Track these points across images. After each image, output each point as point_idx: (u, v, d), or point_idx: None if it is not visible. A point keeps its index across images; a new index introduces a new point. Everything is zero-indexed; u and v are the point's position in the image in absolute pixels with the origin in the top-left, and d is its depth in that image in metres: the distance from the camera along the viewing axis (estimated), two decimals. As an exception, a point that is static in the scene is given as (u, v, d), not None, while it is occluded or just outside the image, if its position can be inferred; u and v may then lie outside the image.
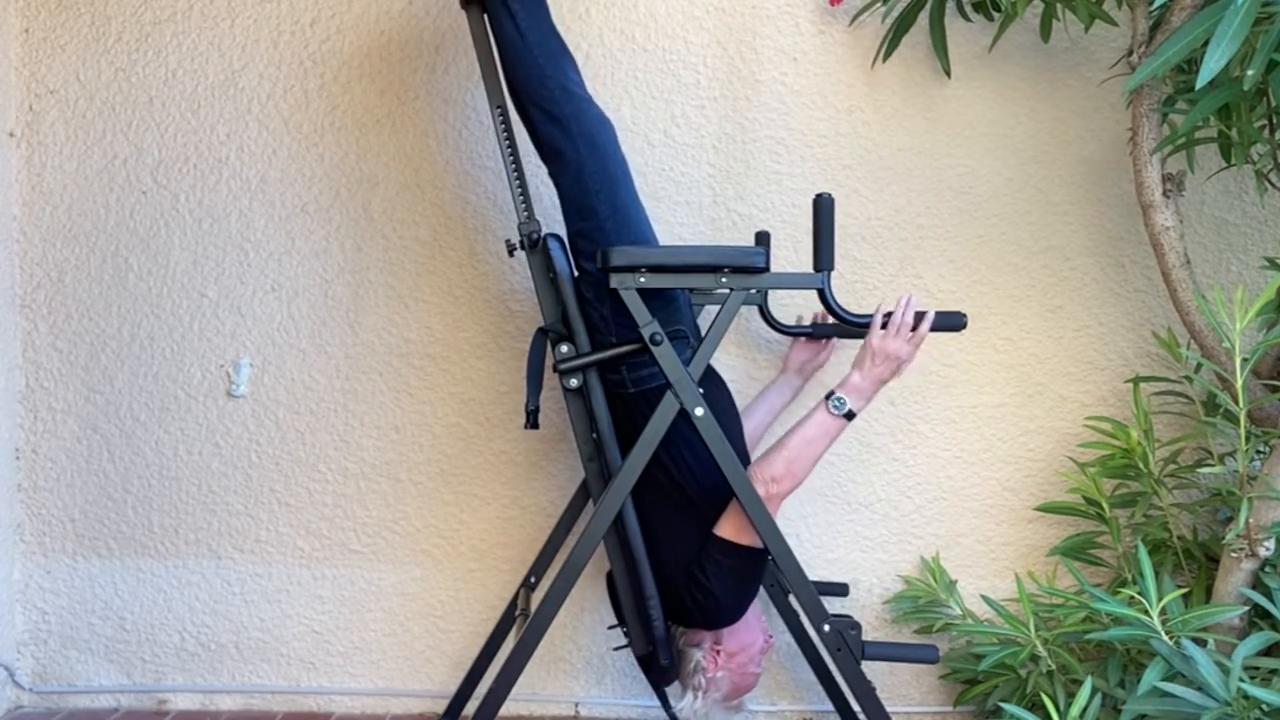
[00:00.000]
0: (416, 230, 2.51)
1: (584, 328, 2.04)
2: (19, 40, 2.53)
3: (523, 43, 2.03)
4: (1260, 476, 1.89)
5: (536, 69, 2.02)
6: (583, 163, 2.01)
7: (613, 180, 2.04)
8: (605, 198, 2.02)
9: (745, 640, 2.06)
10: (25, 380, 2.55)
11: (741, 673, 2.06)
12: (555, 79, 2.02)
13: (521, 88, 2.05)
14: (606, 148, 2.04)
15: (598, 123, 2.06)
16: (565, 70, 2.06)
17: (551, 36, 2.08)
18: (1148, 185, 2.03)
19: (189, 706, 2.57)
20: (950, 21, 2.37)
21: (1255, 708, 1.58)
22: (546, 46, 2.04)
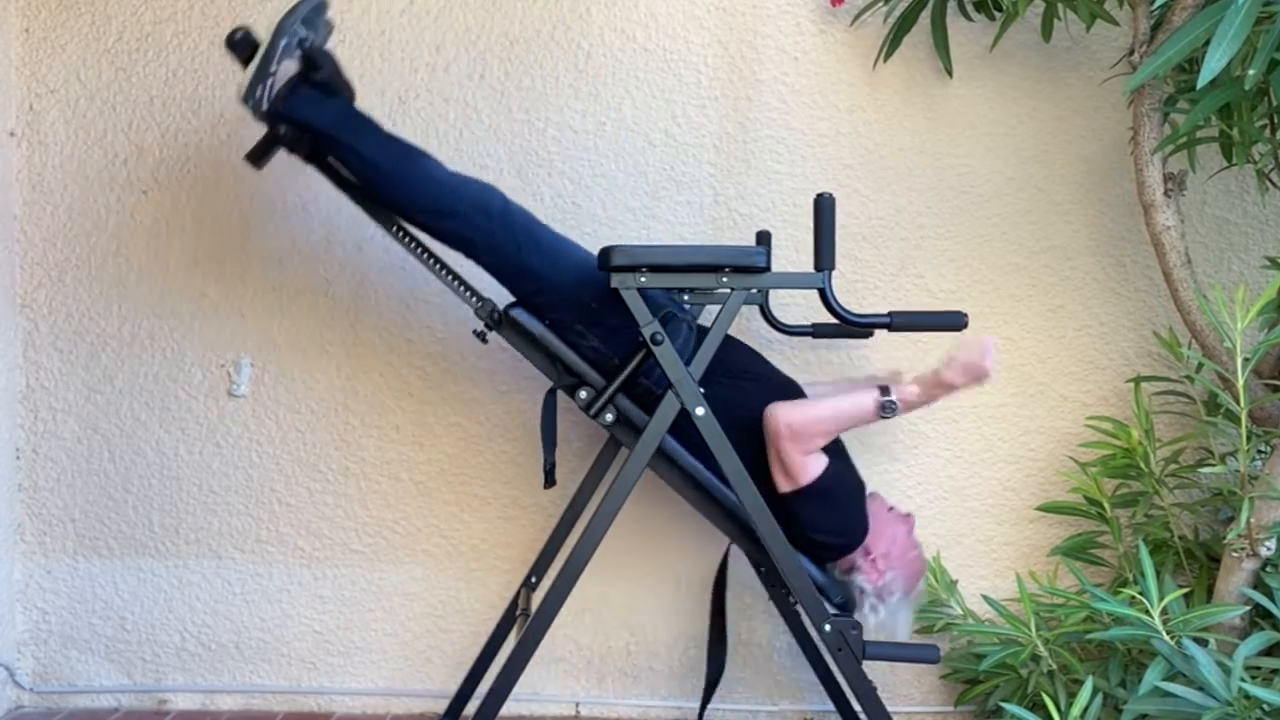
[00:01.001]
0: (417, 230, 2.51)
1: (588, 366, 2.02)
2: (19, 40, 2.53)
3: (378, 170, 1.96)
4: (1261, 476, 1.89)
5: (403, 184, 1.97)
6: (491, 234, 1.97)
7: (524, 231, 2.00)
8: (529, 250, 1.99)
9: (889, 534, 2.08)
10: (26, 380, 2.55)
11: (905, 561, 2.08)
12: (423, 182, 1.98)
13: (402, 206, 2.01)
14: (500, 208, 1.99)
15: (479, 191, 2.01)
16: (425, 167, 2.00)
17: (393, 145, 2.00)
18: (1149, 184, 2.03)
19: (189, 706, 2.57)
20: (951, 21, 2.37)
21: (1256, 708, 1.58)
22: (398, 158, 1.98)
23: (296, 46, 1.90)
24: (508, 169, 2.50)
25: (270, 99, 1.89)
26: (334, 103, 1.96)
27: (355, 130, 1.96)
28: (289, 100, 1.91)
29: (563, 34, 2.50)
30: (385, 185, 1.98)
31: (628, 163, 2.49)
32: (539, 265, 1.98)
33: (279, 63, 1.88)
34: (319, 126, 1.94)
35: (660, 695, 2.54)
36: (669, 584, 2.53)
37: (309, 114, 1.92)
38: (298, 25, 1.90)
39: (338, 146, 1.96)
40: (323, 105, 1.94)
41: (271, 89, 1.89)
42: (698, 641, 2.52)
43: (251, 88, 1.88)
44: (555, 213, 2.50)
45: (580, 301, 2.00)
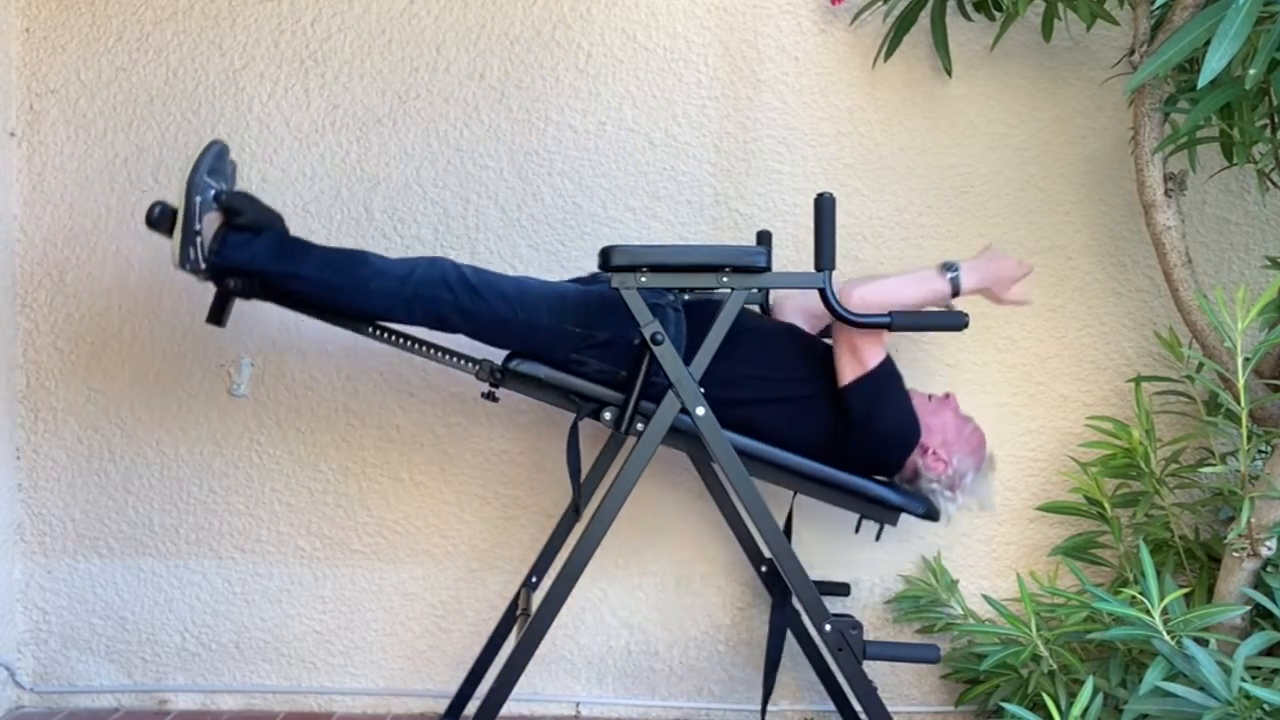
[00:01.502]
0: (418, 230, 2.51)
1: (600, 387, 2.02)
2: (20, 39, 2.53)
3: (328, 288, 1.96)
4: (1262, 476, 1.89)
5: (356, 291, 1.96)
6: (459, 304, 1.97)
7: (487, 289, 1.99)
8: (499, 305, 1.98)
9: (939, 424, 2.10)
10: (26, 380, 2.55)
11: (964, 440, 2.11)
12: (374, 281, 1.96)
13: (364, 311, 2.01)
14: (456, 277, 1.98)
15: (428, 268, 1.99)
16: (372, 267, 1.98)
17: (335, 258, 1.98)
18: (1149, 184, 2.02)
19: (190, 706, 2.57)
20: (951, 21, 2.37)
21: (1257, 708, 1.58)
22: (343, 270, 1.96)
23: (213, 200, 1.90)
24: (508, 169, 2.50)
25: (205, 256, 1.90)
26: (265, 239, 1.95)
27: (294, 258, 1.96)
28: (221, 251, 1.92)
29: (563, 34, 2.50)
30: (341, 299, 1.98)
31: (628, 162, 2.49)
32: (513, 316, 1.98)
33: (201, 220, 1.89)
34: (258, 267, 1.94)
35: (660, 695, 2.54)
36: (669, 584, 2.53)
37: (244, 258, 1.93)
38: (206, 179, 1.90)
39: (283, 278, 1.96)
40: (254, 245, 1.93)
41: (202, 246, 1.90)
42: (698, 642, 2.52)
43: (184, 252, 1.88)
44: (556, 212, 2.50)
45: (564, 332, 2.00)
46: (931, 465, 2.08)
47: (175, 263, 1.90)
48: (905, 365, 2.42)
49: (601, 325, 2.00)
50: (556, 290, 2.05)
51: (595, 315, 2.00)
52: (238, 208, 1.92)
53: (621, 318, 1.93)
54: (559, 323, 1.99)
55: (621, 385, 2.01)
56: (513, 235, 2.51)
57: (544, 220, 2.51)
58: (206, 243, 1.90)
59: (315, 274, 1.95)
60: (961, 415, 2.14)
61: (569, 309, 2.00)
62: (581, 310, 2.00)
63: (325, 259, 1.97)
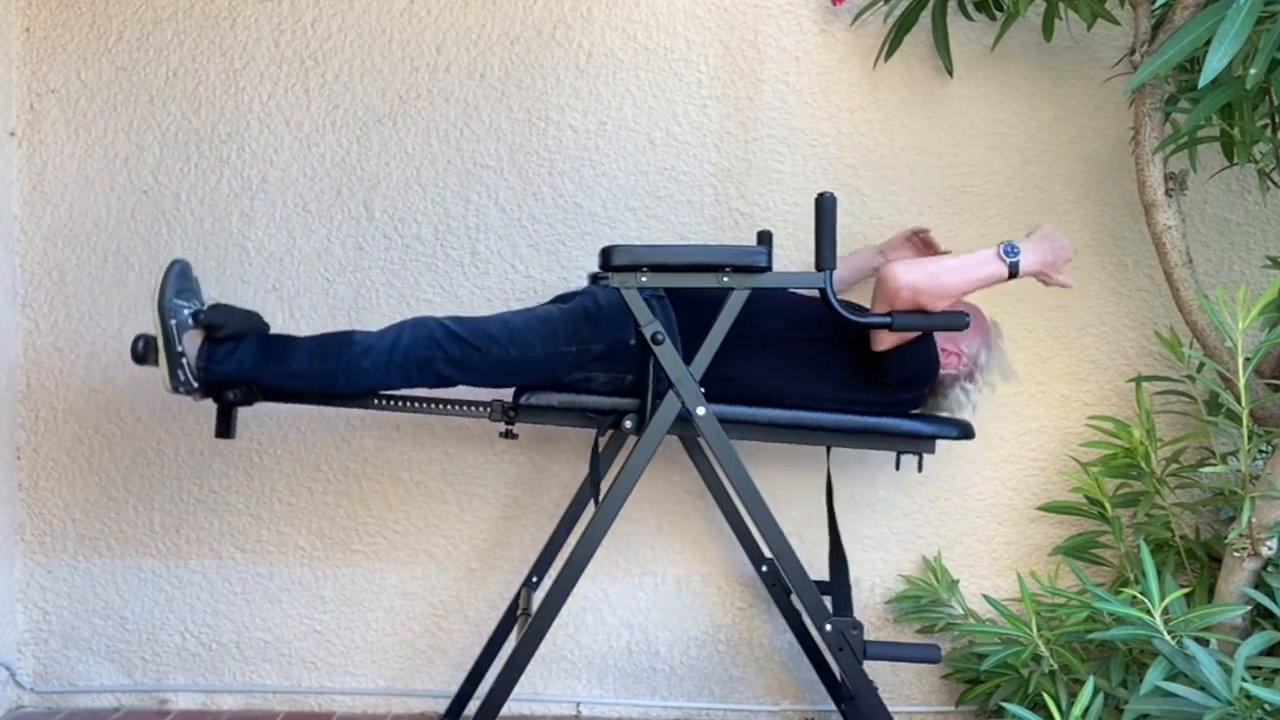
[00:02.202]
0: (418, 229, 2.51)
1: (612, 398, 2.03)
2: (20, 39, 2.53)
3: (323, 377, 1.96)
4: (1262, 476, 1.89)
5: (350, 373, 1.95)
6: (451, 359, 1.96)
7: (475, 335, 1.98)
8: (491, 349, 1.97)
9: None
10: (26, 380, 2.55)
11: (973, 330, 2.11)
12: (363, 358, 1.95)
13: (363, 387, 2.01)
14: (441, 333, 1.97)
15: (412, 330, 1.98)
16: (359, 345, 1.96)
17: (321, 347, 1.97)
18: (1150, 184, 2.02)
19: (190, 706, 2.57)
20: (952, 20, 2.37)
21: (1258, 707, 1.58)
22: (332, 356, 1.95)
23: (189, 320, 1.90)
24: (508, 168, 2.50)
25: (194, 375, 1.91)
26: (249, 345, 1.95)
27: (282, 357, 1.96)
28: (209, 367, 1.92)
29: (564, 33, 2.50)
30: (338, 384, 1.98)
31: (629, 162, 2.49)
32: (508, 355, 1.98)
33: (182, 341, 1.89)
34: (249, 374, 1.95)
35: (661, 695, 2.54)
36: (670, 584, 2.53)
37: (234, 368, 1.93)
38: (176, 301, 1.90)
39: (277, 379, 1.97)
40: (240, 353, 1.94)
41: (189, 367, 1.90)
42: (699, 641, 2.52)
43: (173, 377, 1.89)
44: (556, 212, 2.50)
45: (561, 354, 2.00)
46: (948, 364, 2.12)
47: (167, 388, 1.89)
48: (906, 365, 2.43)
49: (594, 338, 2.00)
50: (541, 316, 2.04)
51: (585, 330, 2.00)
52: (216, 322, 1.91)
53: (610, 324, 1.97)
54: (554, 347, 1.99)
55: (631, 390, 2.02)
56: (513, 235, 2.51)
57: (544, 220, 2.51)
58: (192, 362, 1.90)
59: (306, 366, 1.95)
60: (967, 313, 2.11)
61: (559, 331, 2.00)
62: (571, 329, 2.00)
63: (312, 349, 1.97)
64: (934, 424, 2.08)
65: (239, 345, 1.93)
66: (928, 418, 2.11)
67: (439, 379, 1.99)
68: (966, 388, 2.14)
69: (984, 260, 1.97)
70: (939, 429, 2.07)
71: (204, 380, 1.92)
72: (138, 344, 1.91)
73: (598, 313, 2.02)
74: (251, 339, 1.95)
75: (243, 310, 1.99)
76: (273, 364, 1.94)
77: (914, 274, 1.94)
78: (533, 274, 2.50)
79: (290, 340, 1.99)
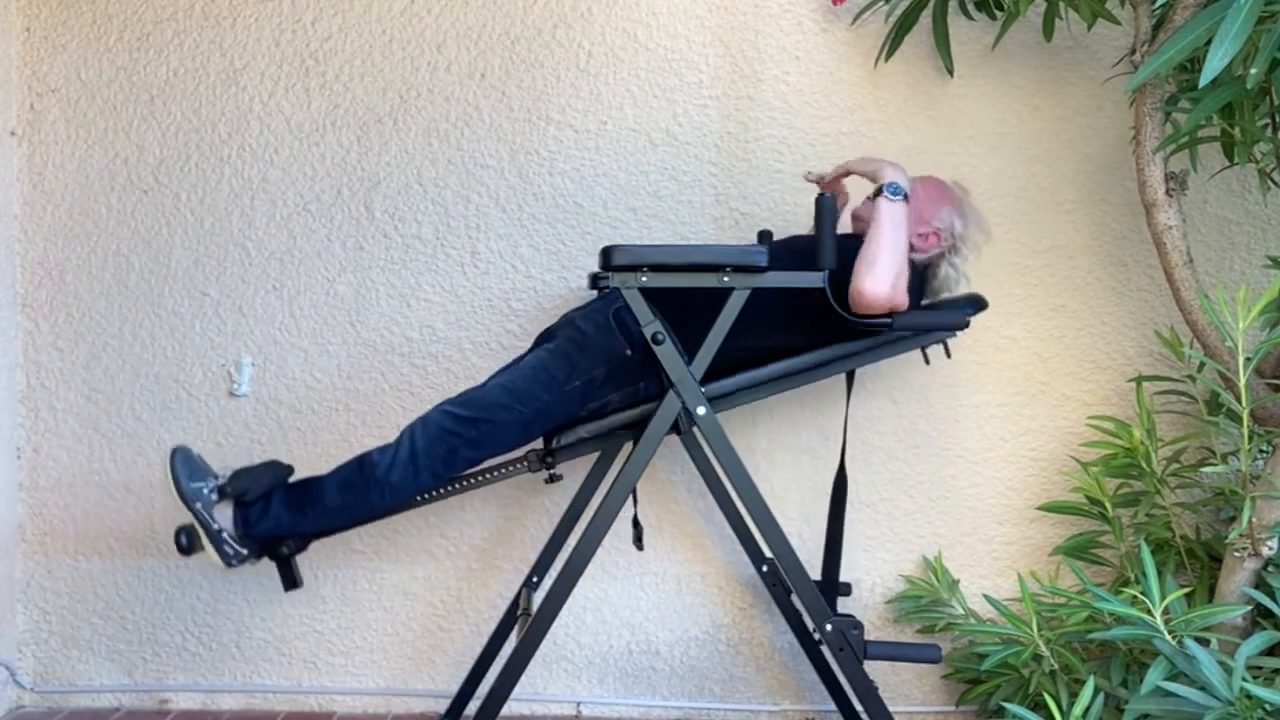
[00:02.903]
0: (419, 229, 2.51)
1: (633, 411, 2.05)
2: (20, 39, 2.53)
3: (359, 506, 1.99)
4: (1263, 476, 1.89)
5: (382, 491, 1.97)
6: (469, 440, 1.97)
7: (482, 409, 2.00)
8: (501, 415, 1.98)
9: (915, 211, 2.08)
10: (27, 379, 2.55)
11: (932, 201, 2.13)
12: (389, 474, 1.95)
13: (394, 502, 2.03)
14: (451, 419, 1.99)
15: (422, 429, 1.99)
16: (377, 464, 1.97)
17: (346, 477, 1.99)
18: (1150, 184, 2.02)
19: (190, 706, 2.57)
20: (953, 20, 2.37)
21: (1258, 707, 1.58)
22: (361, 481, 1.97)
23: (213, 497, 1.93)
24: (509, 168, 2.50)
25: (241, 543, 1.95)
26: (277, 501, 1.97)
27: (312, 501, 1.98)
28: (249, 532, 1.96)
29: (564, 33, 2.50)
30: (374, 507, 2.01)
31: (629, 162, 2.49)
32: (520, 414, 1.99)
33: (214, 520, 1.93)
34: (288, 527, 1.98)
35: (661, 695, 2.53)
36: (670, 584, 2.53)
37: (272, 526, 1.96)
38: (194, 485, 1.93)
39: (317, 523, 2.00)
40: (273, 511, 1.96)
41: (232, 539, 1.94)
42: (699, 641, 2.52)
43: (223, 555, 1.94)
44: (557, 212, 2.50)
45: (568, 392, 2.01)
46: (929, 246, 2.12)
47: (220, 567, 1.95)
48: (906, 364, 2.44)
49: (592, 364, 2.01)
50: (534, 366, 2.04)
51: (580, 360, 2.01)
52: (240, 489, 1.95)
53: (601, 345, 1.99)
54: (558, 389, 2.00)
55: (649, 396, 2.03)
56: (514, 235, 2.51)
57: (545, 219, 2.51)
58: (232, 533, 1.94)
59: (341, 501, 1.97)
60: (918, 188, 2.12)
61: (556, 373, 2.01)
62: (566, 366, 2.01)
63: (338, 483, 1.98)
64: (945, 313, 2.07)
65: (269, 503, 1.96)
66: (937, 308, 2.11)
67: (468, 463, 2.01)
68: (954, 262, 2.15)
69: (893, 217, 1.95)
70: (955, 317, 2.04)
71: (250, 546, 1.96)
72: (180, 538, 1.94)
73: (584, 340, 2.03)
74: (279, 494, 1.98)
75: (260, 466, 2.01)
76: (308, 510, 1.97)
77: (879, 286, 1.91)
78: (533, 273, 2.50)
79: (314, 482, 2.00)
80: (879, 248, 1.93)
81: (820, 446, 2.48)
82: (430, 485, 2.01)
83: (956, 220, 2.14)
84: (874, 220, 1.96)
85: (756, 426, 2.49)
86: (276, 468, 2.02)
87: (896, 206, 1.95)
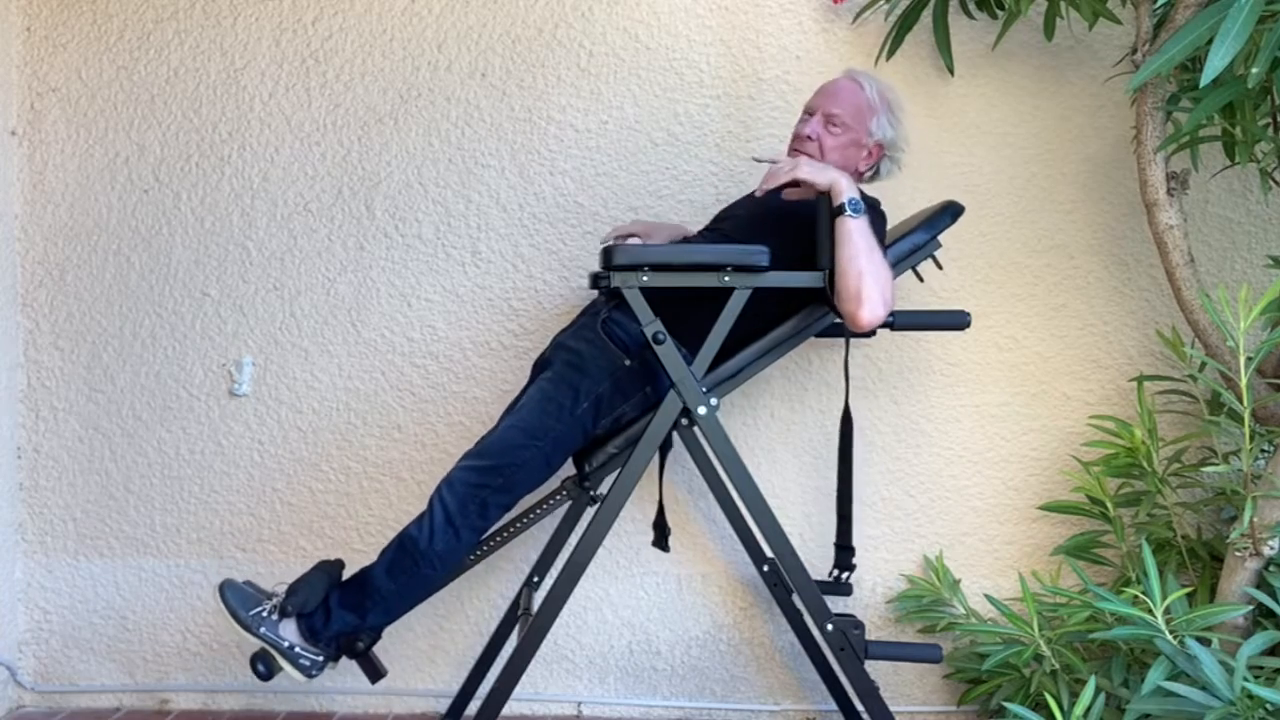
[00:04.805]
0: (419, 229, 2.51)
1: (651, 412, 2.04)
2: (21, 38, 2.53)
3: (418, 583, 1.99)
4: (1264, 475, 1.89)
5: (433, 566, 1.97)
6: (497, 487, 1.97)
7: (501, 455, 1.99)
8: (524, 454, 1.98)
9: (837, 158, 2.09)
10: (27, 379, 2.55)
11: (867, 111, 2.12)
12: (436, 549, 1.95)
13: (455, 568, 2.08)
14: (473, 475, 1.99)
15: (450, 492, 1.99)
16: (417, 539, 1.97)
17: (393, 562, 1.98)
18: (1152, 183, 2.02)
19: (191, 706, 2.57)
20: (953, 19, 2.37)
21: (1260, 707, 1.58)
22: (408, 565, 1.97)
23: (274, 617, 1.95)
24: (509, 168, 2.50)
25: (319, 651, 1.96)
26: (335, 603, 1.97)
27: (368, 594, 1.98)
28: (321, 638, 1.96)
29: (565, 32, 2.49)
30: (430, 581, 2.00)
31: (630, 161, 2.49)
32: (540, 449, 1.98)
33: (283, 638, 1.94)
34: (353, 625, 1.98)
35: (662, 695, 2.53)
36: (671, 584, 2.53)
37: (339, 627, 1.97)
38: (252, 613, 1.94)
39: (381, 614, 2.00)
40: (335, 613, 1.97)
41: (305, 651, 1.96)
42: (700, 641, 2.52)
43: (302, 669, 1.95)
44: (557, 211, 2.50)
45: (579, 417, 2.00)
46: (872, 160, 2.15)
47: (306, 680, 1.96)
48: (907, 364, 2.44)
49: (594, 382, 2.01)
50: (539, 399, 2.03)
51: (581, 381, 2.00)
52: (298, 604, 1.95)
53: (599, 361, 1.99)
54: (568, 414, 1.99)
55: (661, 399, 2.01)
56: (514, 234, 2.50)
57: (545, 219, 2.50)
58: (304, 645, 1.96)
59: (394, 587, 1.97)
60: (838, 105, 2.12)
61: (563, 399, 2.00)
62: (570, 390, 2.00)
63: (386, 570, 1.98)
64: (922, 230, 2.07)
65: (329, 608, 1.97)
66: (913, 232, 2.09)
67: (503, 509, 2.01)
68: (894, 157, 2.17)
69: (863, 234, 1.89)
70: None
71: (327, 651, 1.97)
72: (257, 666, 1.95)
73: (581, 361, 2.03)
74: (335, 595, 1.98)
75: (312, 573, 2.02)
76: (367, 605, 1.97)
77: (875, 311, 1.88)
78: (534, 273, 2.50)
79: (365, 576, 2.00)
80: (860, 270, 1.87)
81: (821, 446, 2.48)
82: (474, 541, 2.01)
83: (885, 127, 2.14)
84: (844, 242, 1.88)
85: (757, 426, 2.49)
86: (327, 569, 2.03)
87: (861, 222, 1.89)
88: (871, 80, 2.16)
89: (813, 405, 2.48)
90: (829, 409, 2.46)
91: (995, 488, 2.50)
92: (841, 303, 1.89)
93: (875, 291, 1.87)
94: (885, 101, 2.14)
